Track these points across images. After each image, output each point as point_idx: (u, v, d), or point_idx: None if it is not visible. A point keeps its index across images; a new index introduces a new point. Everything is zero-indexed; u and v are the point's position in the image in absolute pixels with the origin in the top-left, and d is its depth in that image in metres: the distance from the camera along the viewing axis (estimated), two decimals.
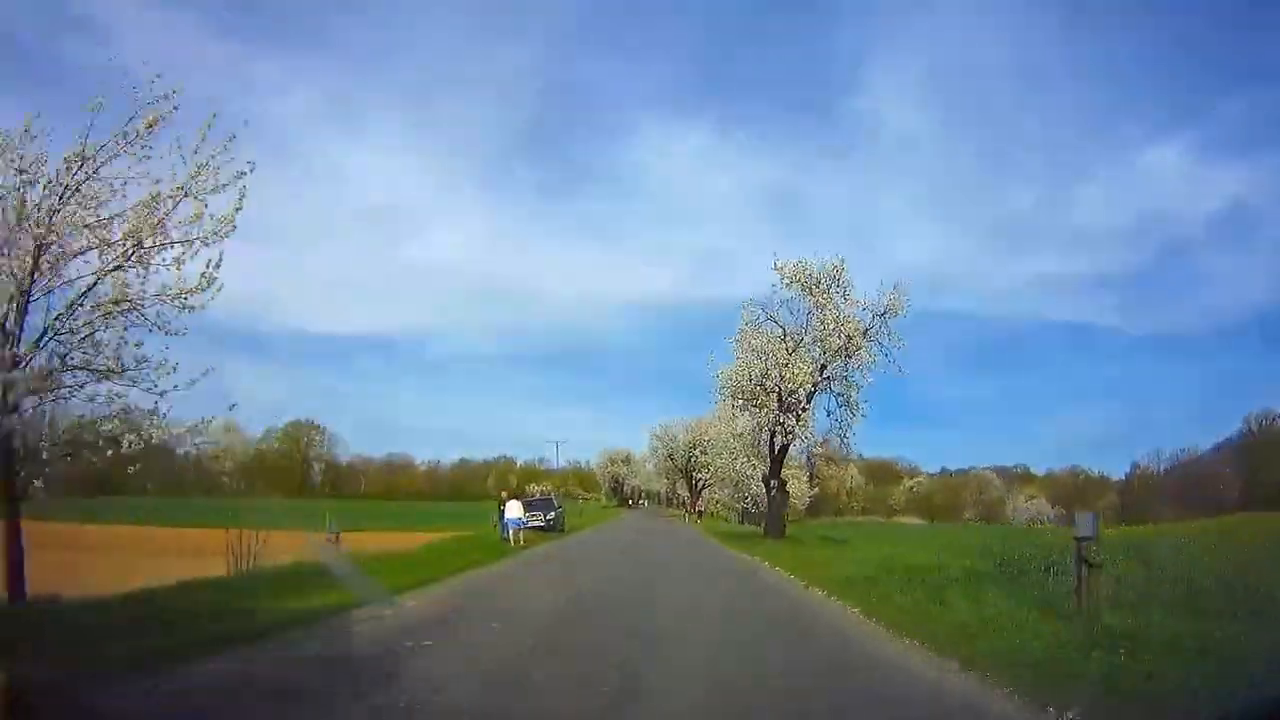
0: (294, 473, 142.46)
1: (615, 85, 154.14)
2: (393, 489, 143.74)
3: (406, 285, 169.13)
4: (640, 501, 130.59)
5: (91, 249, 10.10)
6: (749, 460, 51.09)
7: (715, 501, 75.82)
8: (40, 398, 9.57)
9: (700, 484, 71.28)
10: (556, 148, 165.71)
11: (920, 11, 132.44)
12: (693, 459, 71.33)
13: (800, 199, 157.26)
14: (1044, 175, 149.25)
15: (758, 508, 50.83)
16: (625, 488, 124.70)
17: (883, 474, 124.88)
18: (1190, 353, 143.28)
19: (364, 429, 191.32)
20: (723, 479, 53.56)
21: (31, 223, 9.56)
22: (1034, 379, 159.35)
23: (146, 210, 10.10)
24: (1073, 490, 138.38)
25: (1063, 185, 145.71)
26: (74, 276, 9.94)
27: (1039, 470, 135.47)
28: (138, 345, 9.98)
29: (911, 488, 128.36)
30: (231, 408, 11.05)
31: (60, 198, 9.94)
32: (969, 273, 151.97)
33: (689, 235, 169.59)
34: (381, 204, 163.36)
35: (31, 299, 9.66)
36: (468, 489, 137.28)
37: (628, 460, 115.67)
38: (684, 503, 71.66)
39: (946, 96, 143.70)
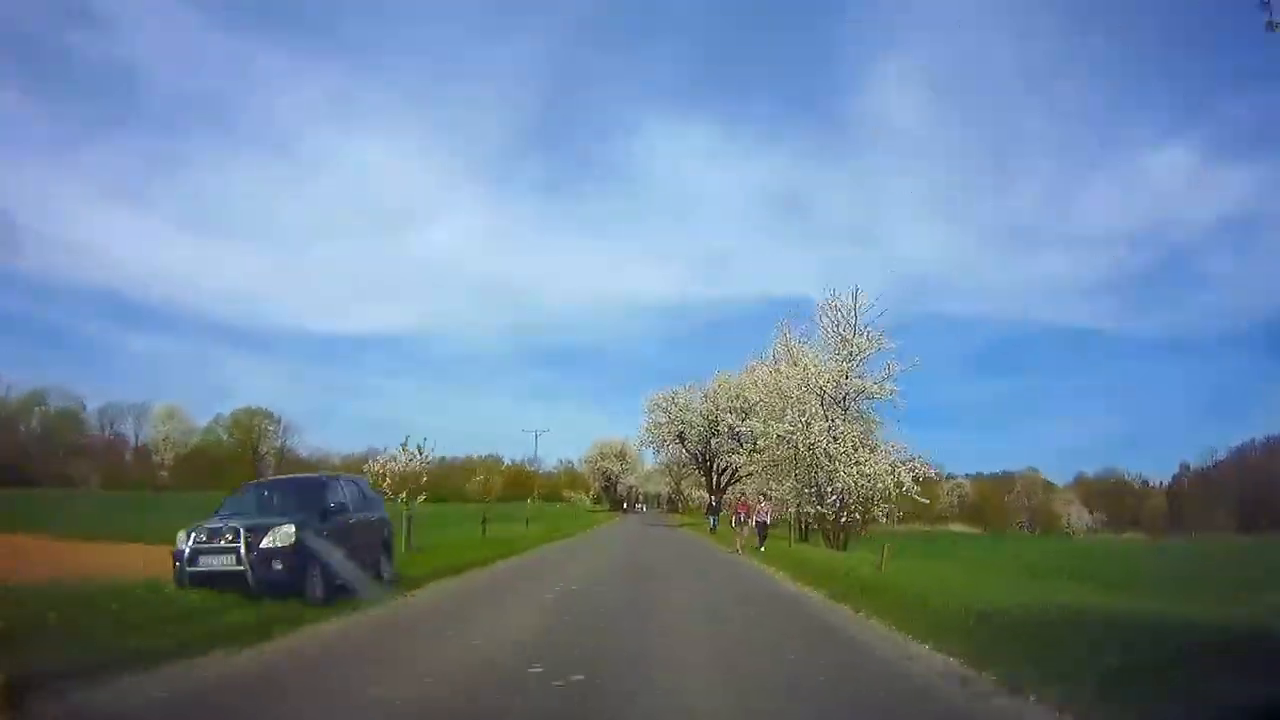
0: (243, 465, 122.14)
1: (618, 82, 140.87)
2: None
3: (405, 282, 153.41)
4: (637, 504, 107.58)
5: None
6: (829, 421, 27.68)
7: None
8: None
9: (727, 476, 47.34)
10: (559, 145, 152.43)
11: (924, 11, 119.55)
12: (714, 440, 47.51)
13: (802, 199, 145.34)
14: (1049, 176, 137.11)
15: (844, 511, 27.16)
16: (619, 487, 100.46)
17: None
18: (1194, 357, 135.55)
19: (359, 426, 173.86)
20: (776, 464, 29.98)
21: None
22: (1035, 383, 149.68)
23: None
24: (1111, 495, 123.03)
25: (1067, 187, 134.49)
26: None
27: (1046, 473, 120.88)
28: None
29: (952, 490, 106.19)
30: None
31: None
32: (971, 275, 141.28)
33: (692, 234, 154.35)
34: (380, 201, 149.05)
35: None
36: (450, 491, 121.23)
37: (622, 454, 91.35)
38: (706, 505, 44.62)
39: (950, 97, 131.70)
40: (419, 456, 18.29)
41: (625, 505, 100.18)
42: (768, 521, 23.49)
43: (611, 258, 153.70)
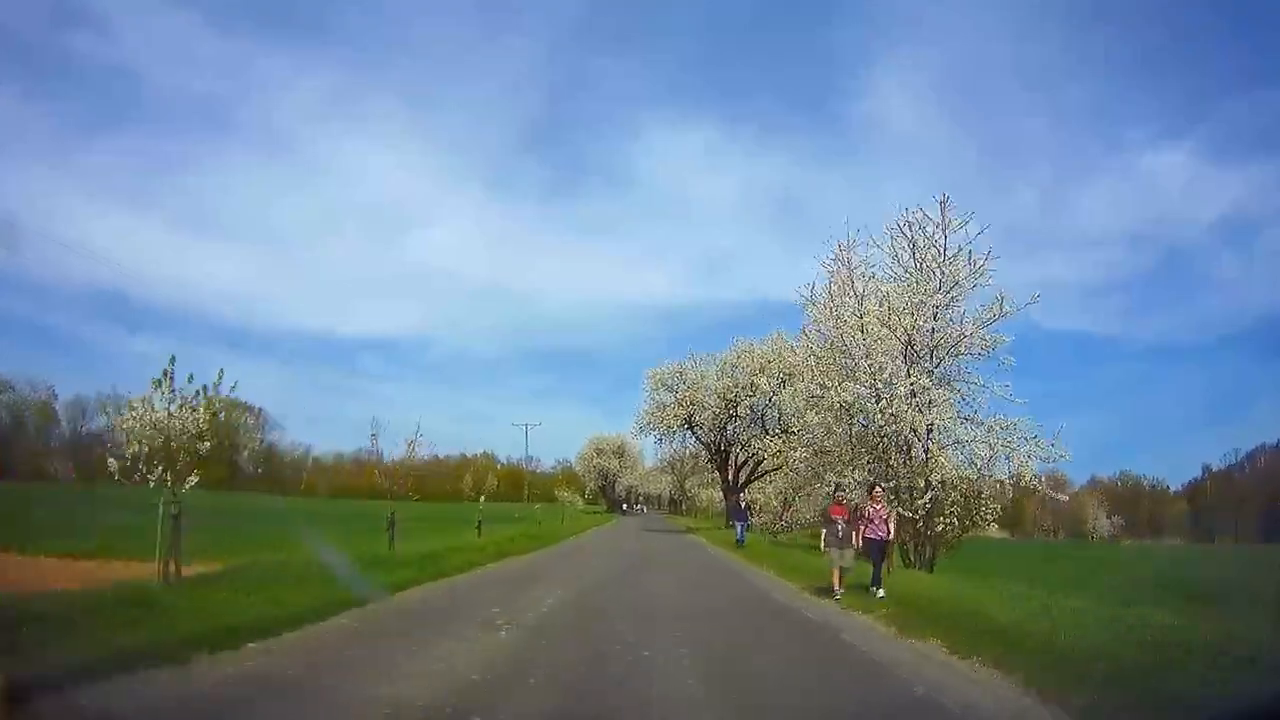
0: (220, 462, 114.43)
1: (618, 84, 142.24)
2: (348, 487, 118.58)
3: (403, 284, 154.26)
4: (637, 505, 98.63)
5: None
6: (913, 382, 18.58)
7: (760, 505, 43.30)
8: None
9: (746, 471, 38.67)
10: (558, 147, 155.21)
11: (924, 13, 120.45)
12: (732, 426, 38.42)
13: (802, 200, 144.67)
14: (1048, 178, 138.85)
15: (940, 515, 18.23)
16: (617, 487, 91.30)
17: None
18: (1193, 360, 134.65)
19: (360, 427, 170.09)
20: (826, 452, 21.16)
21: None
22: (1036, 386, 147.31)
23: None
24: (1127, 499, 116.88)
25: (1066, 189, 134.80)
26: None
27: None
28: None
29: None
30: None
31: None
32: None
33: (690, 236, 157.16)
34: (379, 202, 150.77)
35: None
36: (438, 489, 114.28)
37: (620, 450, 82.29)
38: (730, 508, 33.27)
39: (950, 99, 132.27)
40: (197, 403, 9.73)
41: (624, 506, 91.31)
42: (889, 539, 12.24)
43: (610, 259, 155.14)
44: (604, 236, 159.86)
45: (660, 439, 40.19)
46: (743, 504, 26.63)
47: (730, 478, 38.79)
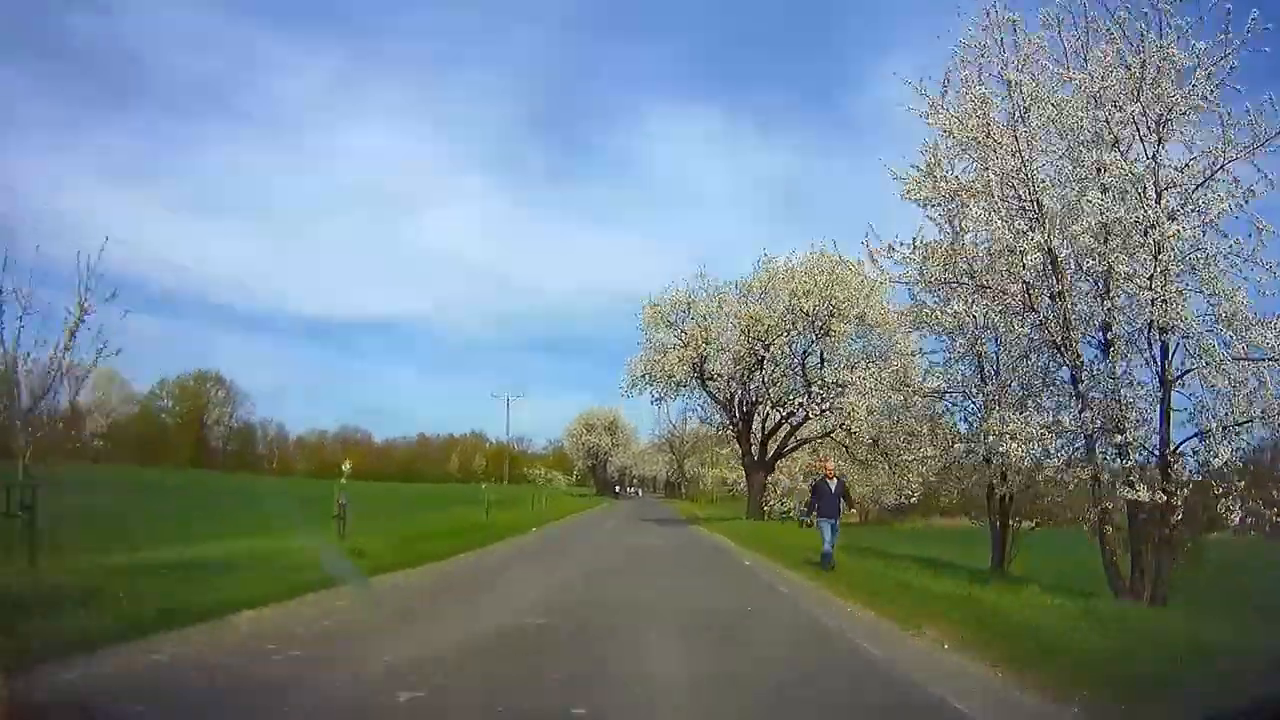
0: (187, 438, 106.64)
1: (621, 71, 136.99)
2: (327, 467, 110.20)
3: (404, 267, 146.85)
4: (631, 488, 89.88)
5: None
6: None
7: (784, 489, 34.93)
8: None
9: (777, 440, 28.20)
10: (560, 133, 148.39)
11: (926, 6, 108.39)
12: (756, 378, 26.90)
13: (803, 190, 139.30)
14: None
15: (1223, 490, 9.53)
16: (609, 467, 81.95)
17: None
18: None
19: (358, 410, 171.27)
20: (952, 387, 12.43)
21: None
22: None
23: None
24: None
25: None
26: None
27: None
28: None
29: None
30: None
31: None
32: None
33: (692, 224, 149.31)
34: (380, 186, 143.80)
35: None
36: (425, 471, 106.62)
37: (613, 426, 73.29)
38: (813, 489, 13.44)
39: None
40: None
41: (616, 488, 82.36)
42: None
43: (611, 246, 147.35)
44: (606, 223, 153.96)
45: (659, 397, 29.56)
46: (833, 483, 12.44)
47: (756, 451, 28.17)
